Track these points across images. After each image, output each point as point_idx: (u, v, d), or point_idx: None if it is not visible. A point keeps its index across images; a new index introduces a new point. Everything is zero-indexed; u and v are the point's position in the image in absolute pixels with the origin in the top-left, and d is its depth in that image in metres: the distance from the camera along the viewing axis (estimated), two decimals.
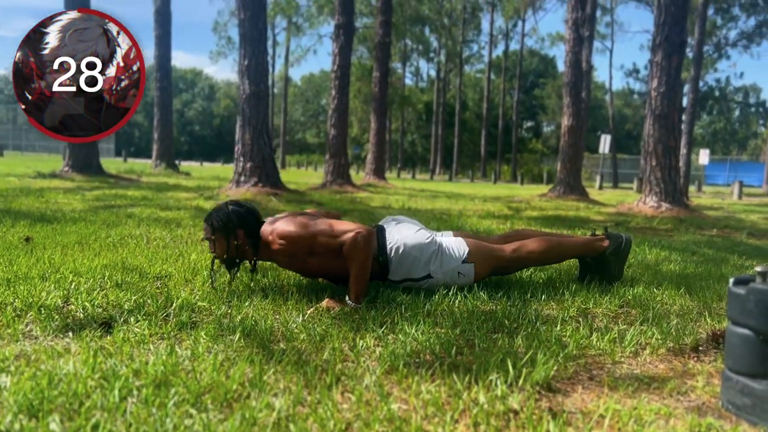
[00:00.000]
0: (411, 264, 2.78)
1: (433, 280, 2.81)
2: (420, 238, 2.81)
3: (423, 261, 2.79)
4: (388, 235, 2.82)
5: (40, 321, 2.12)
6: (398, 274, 2.80)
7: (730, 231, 7.43)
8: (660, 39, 9.42)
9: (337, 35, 14.19)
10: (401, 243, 2.78)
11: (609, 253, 3.08)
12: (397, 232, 2.83)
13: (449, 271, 2.81)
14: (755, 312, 1.47)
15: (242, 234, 2.66)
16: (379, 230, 2.85)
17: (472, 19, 43.58)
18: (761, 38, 32.58)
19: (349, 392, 1.60)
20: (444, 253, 2.82)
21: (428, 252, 2.79)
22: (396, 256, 2.77)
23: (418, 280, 2.81)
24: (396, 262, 2.77)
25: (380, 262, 2.76)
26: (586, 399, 1.63)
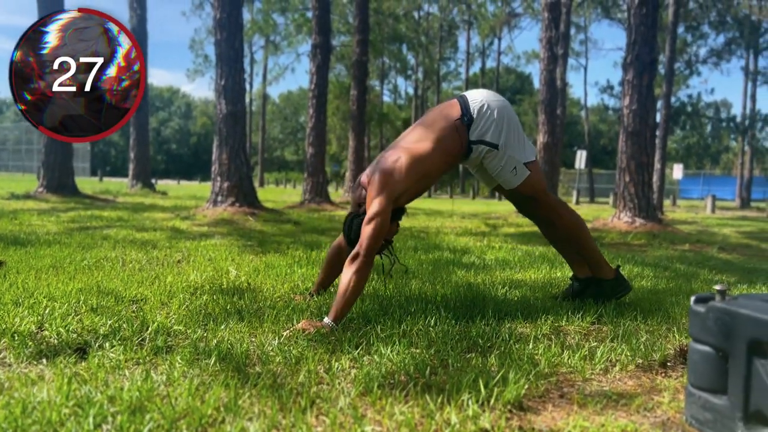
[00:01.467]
0: (490, 125, 2.84)
1: (495, 154, 2.87)
2: (504, 106, 2.90)
3: (499, 129, 2.85)
4: (470, 100, 2.89)
5: (14, 348, 2.11)
6: (476, 132, 2.85)
7: (702, 245, 7.58)
8: (631, 58, 9.64)
9: (314, 54, 14.28)
10: (486, 102, 2.87)
11: (612, 281, 3.16)
12: (482, 95, 2.92)
13: (511, 158, 2.89)
14: (714, 329, 1.52)
15: None
16: (460, 97, 2.94)
17: (449, 37, 44.07)
18: (730, 55, 33.40)
19: (323, 415, 1.62)
20: (519, 141, 2.91)
21: (507, 124, 2.87)
22: (479, 113, 2.84)
23: (488, 145, 2.85)
24: (479, 118, 2.84)
25: (464, 122, 2.83)
26: (556, 417, 1.67)
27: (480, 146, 2.86)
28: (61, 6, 12.71)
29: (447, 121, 2.85)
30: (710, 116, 42.95)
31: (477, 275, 4.04)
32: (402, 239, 6.53)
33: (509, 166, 2.91)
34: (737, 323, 1.47)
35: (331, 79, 33.54)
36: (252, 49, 38.83)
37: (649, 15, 9.55)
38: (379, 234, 2.61)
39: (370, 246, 2.58)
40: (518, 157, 2.90)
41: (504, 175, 2.94)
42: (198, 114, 71.32)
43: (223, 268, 3.95)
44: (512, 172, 2.92)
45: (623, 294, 3.19)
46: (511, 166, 2.91)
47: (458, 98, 2.95)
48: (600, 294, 3.15)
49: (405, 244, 5.88)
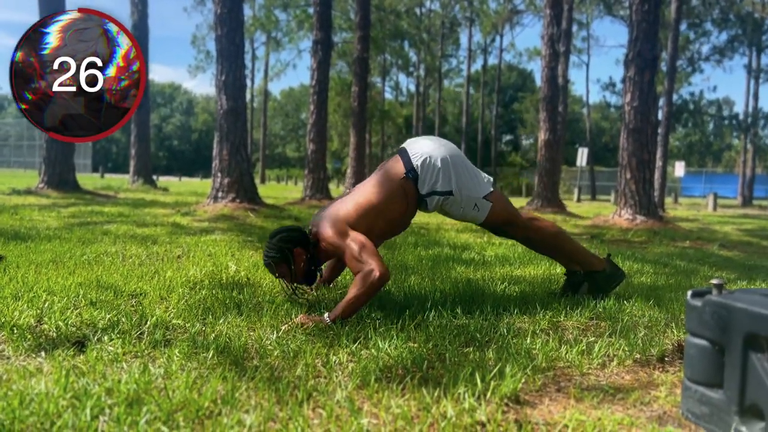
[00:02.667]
0: (437, 175, 2.85)
1: (452, 199, 2.89)
2: (447, 151, 2.91)
3: (448, 175, 2.86)
4: (411, 154, 2.90)
5: (13, 341, 2.12)
6: (426, 186, 2.86)
7: (703, 243, 7.58)
8: (633, 54, 9.62)
9: (316, 51, 14.27)
10: (428, 154, 2.87)
11: (605, 274, 3.17)
12: (421, 146, 2.92)
13: (469, 198, 2.91)
14: (711, 323, 1.52)
15: (300, 251, 2.79)
16: (401, 151, 2.94)
17: (451, 34, 44.01)
18: (733, 52, 33.29)
19: (320, 408, 1.63)
20: (470, 179, 2.92)
21: (454, 168, 2.88)
22: (423, 167, 2.85)
23: (442, 194, 2.87)
24: (423, 173, 2.85)
25: (410, 178, 2.84)
26: (553, 410, 1.67)
27: (434, 197, 2.89)
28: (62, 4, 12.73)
29: (393, 180, 2.86)
30: (712, 114, 42.91)
31: (476, 271, 4.04)
32: (402, 235, 6.52)
33: (469, 205, 2.94)
34: (733, 317, 1.47)
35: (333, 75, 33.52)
36: (254, 45, 38.85)
37: (651, 12, 9.53)
38: (375, 252, 2.64)
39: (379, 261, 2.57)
40: (475, 195, 2.93)
41: (468, 215, 2.98)
42: (199, 110, 71.31)
43: (223, 264, 3.96)
44: (474, 210, 2.96)
45: (618, 282, 3.20)
46: (472, 205, 2.94)
47: (399, 153, 2.96)
48: (596, 287, 3.15)
49: (405, 240, 5.88)
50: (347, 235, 2.68)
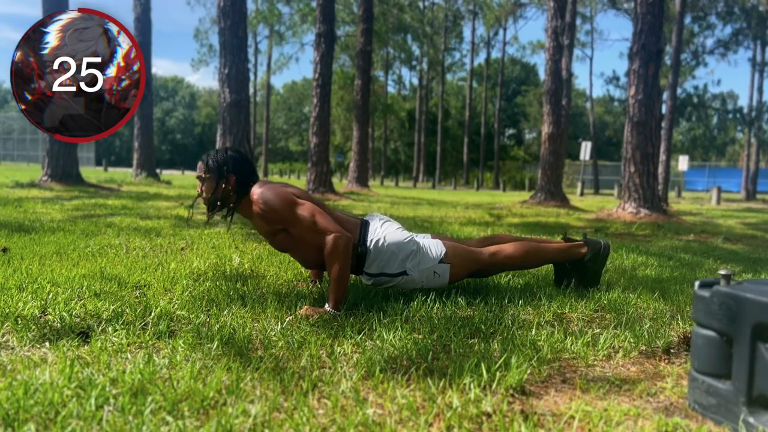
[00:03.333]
0: (388, 258, 2.82)
1: (408, 278, 2.85)
2: (400, 236, 2.85)
3: (400, 258, 2.82)
4: (371, 228, 2.87)
5: (17, 331, 2.12)
6: (374, 267, 2.83)
7: (707, 236, 7.55)
8: (637, 47, 9.57)
9: (318, 43, 14.23)
10: (382, 237, 2.82)
11: (588, 260, 3.13)
12: (380, 227, 2.88)
13: (425, 270, 2.85)
14: (719, 314, 1.51)
15: (233, 180, 2.74)
16: (363, 223, 2.90)
17: (454, 27, 43.90)
18: (737, 46, 33.11)
19: (325, 398, 1.62)
20: (421, 253, 2.86)
21: (407, 250, 2.83)
22: (375, 249, 2.81)
23: (392, 276, 2.84)
24: (374, 255, 2.81)
25: (359, 252, 2.79)
26: (559, 401, 1.67)
27: (382, 278, 2.85)
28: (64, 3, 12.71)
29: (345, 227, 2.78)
30: (716, 108, 42.70)
31: None
32: (407, 227, 6.51)
33: (429, 275, 2.87)
34: (742, 307, 1.46)
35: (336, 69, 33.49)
36: (256, 39, 38.74)
37: (656, 4, 9.48)
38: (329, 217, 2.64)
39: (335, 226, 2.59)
40: (431, 264, 2.86)
41: (432, 284, 2.90)
42: (202, 104, 71.26)
43: (227, 256, 3.95)
44: (435, 277, 2.88)
45: (605, 256, 3.14)
46: (431, 274, 2.87)
47: (362, 222, 2.91)
48: (586, 274, 3.14)
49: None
50: (296, 205, 2.65)
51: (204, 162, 2.78)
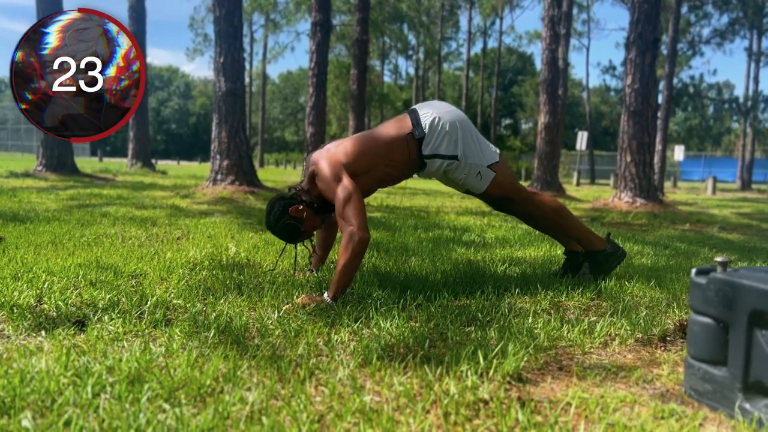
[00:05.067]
0: (442, 139, 2.82)
1: (456, 164, 2.86)
2: (455, 116, 2.88)
3: (454, 140, 2.84)
4: (421, 114, 2.87)
5: (13, 320, 2.11)
6: (429, 147, 2.83)
7: (703, 225, 7.57)
8: (634, 36, 9.55)
9: (314, 32, 14.15)
10: (437, 116, 2.84)
11: (606, 253, 3.14)
12: (432, 107, 2.90)
13: (473, 165, 2.87)
14: (715, 301, 1.51)
15: (297, 208, 2.80)
16: (411, 111, 2.92)
17: (450, 16, 43.72)
18: (734, 35, 33.10)
19: (322, 385, 1.62)
20: (476, 145, 2.89)
21: (460, 134, 2.85)
22: (430, 128, 2.82)
23: (445, 158, 2.84)
24: (429, 133, 2.82)
25: (415, 136, 2.81)
26: (555, 388, 1.67)
27: (436, 160, 2.86)
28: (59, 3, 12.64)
29: (398, 133, 2.83)
30: (712, 97, 42.75)
31: (477, 253, 4.03)
32: (402, 218, 6.53)
33: (473, 173, 2.90)
34: (738, 294, 1.46)
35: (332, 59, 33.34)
36: (252, 28, 38.54)
37: None
38: (360, 208, 2.61)
39: (360, 222, 2.56)
40: (480, 162, 2.89)
41: (470, 182, 2.93)
42: (197, 94, 70.97)
43: (223, 245, 3.95)
44: (477, 178, 2.91)
45: (619, 261, 3.17)
46: (475, 172, 2.90)
47: (409, 112, 2.93)
48: (596, 267, 3.14)
49: (405, 223, 5.87)
50: (340, 180, 2.65)
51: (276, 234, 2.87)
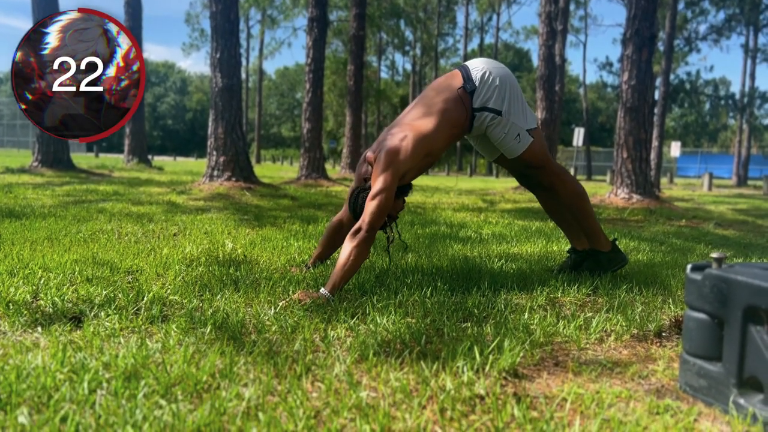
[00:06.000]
0: (492, 92, 2.83)
1: (500, 120, 2.85)
2: (505, 72, 2.90)
3: (502, 96, 2.84)
4: (472, 68, 2.89)
5: (8, 316, 2.11)
6: (479, 99, 2.84)
7: (699, 221, 7.59)
8: (630, 32, 9.55)
9: (311, 28, 14.13)
10: (488, 69, 2.86)
11: (608, 252, 3.16)
12: (483, 62, 2.91)
13: (514, 125, 2.88)
14: (710, 296, 1.52)
15: None
16: (461, 67, 2.93)
17: (447, 12, 43.63)
18: (730, 32, 33.12)
19: (319, 381, 1.62)
20: (521, 107, 2.90)
21: (509, 91, 2.86)
22: (481, 81, 2.83)
23: (492, 112, 2.84)
24: (481, 85, 2.83)
25: (467, 90, 2.82)
26: (551, 384, 1.68)
27: (484, 113, 2.84)
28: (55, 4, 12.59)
29: (450, 91, 2.84)
30: (709, 94, 42.82)
31: (473, 249, 4.04)
32: (399, 214, 6.52)
33: (512, 133, 2.88)
34: (733, 290, 1.46)
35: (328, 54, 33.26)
36: (248, 23, 38.42)
37: None
38: (383, 210, 2.61)
39: (373, 221, 2.57)
40: (521, 124, 2.89)
41: (507, 143, 2.91)
42: (193, 89, 70.78)
43: (220, 241, 3.94)
44: (516, 140, 2.90)
45: (620, 266, 3.19)
46: (515, 134, 2.89)
47: (459, 68, 2.93)
48: (596, 265, 3.15)
49: (402, 219, 5.87)
50: (385, 171, 2.65)
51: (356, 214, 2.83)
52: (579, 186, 3.13)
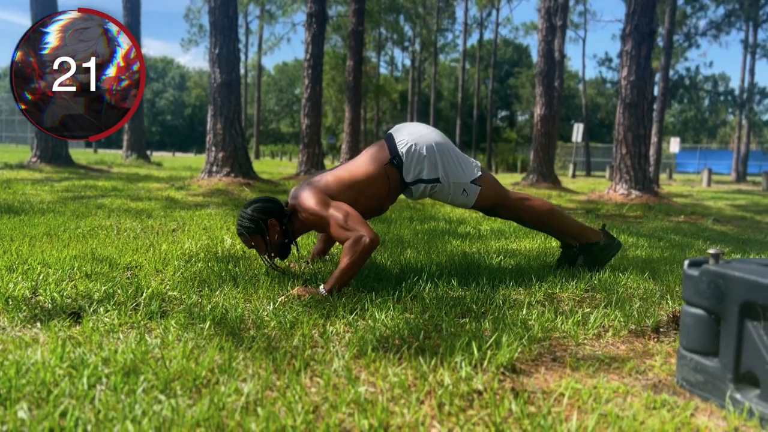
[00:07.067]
0: (423, 163, 2.82)
1: (440, 186, 2.86)
2: (433, 138, 2.86)
3: (433, 163, 2.83)
4: (397, 140, 2.86)
5: (8, 312, 2.11)
6: (411, 174, 2.83)
7: (697, 217, 7.60)
8: (630, 28, 9.54)
9: (310, 23, 14.10)
10: (413, 143, 2.83)
11: (601, 245, 3.15)
12: (408, 134, 2.87)
13: (457, 184, 2.88)
14: (708, 292, 1.52)
15: (275, 223, 2.75)
16: (387, 137, 2.91)
17: (447, 7, 43.54)
18: (730, 27, 33.05)
19: (317, 376, 1.63)
20: (457, 165, 2.88)
21: (440, 155, 2.84)
22: (408, 155, 2.81)
23: (428, 182, 2.84)
24: (407, 161, 2.82)
25: (395, 165, 2.81)
26: (549, 379, 1.68)
27: (421, 185, 2.86)
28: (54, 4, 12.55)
29: (378, 164, 2.82)
30: (708, 90, 42.75)
31: (472, 245, 4.04)
32: (398, 210, 6.53)
33: (458, 191, 2.90)
34: (730, 286, 1.47)
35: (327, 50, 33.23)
36: (247, 19, 38.31)
37: None
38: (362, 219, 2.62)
39: (368, 228, 2.56)
40: (463, 180, 2.89)
41: (457, 201, 2.94)
42: (192, 85, 70.67)
43: (218, 237, 3.95)
44: (463, 195, 2.92)
45: (614, 252, 3.19)
46: (460, 190, 2.90)
47: (386, 139, 2.91)
48: (592, 259, 3.15)
49: (401, 215, 5.88)
50: (329, 205, 2.65)
51: (242, 234, 2.78)
52: (545, 204, 3.10)
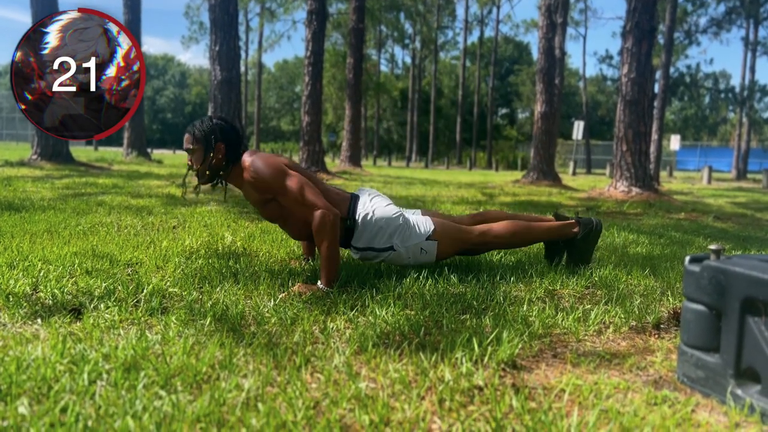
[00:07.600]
0: (375, 233, 2.81)
1: (395, 253, 2.85)
2: (388, 211, 2.85)
3: (388, 233, 2.82)
4: (360, 202, 2.87)
5: (8, 308, 2.11)
6: (362, 241, 2.83)
7: (698, 215, 7.60)
8: (630, 25, 9.53)
9: (310, 21, 14.09)
10: (370, 211, 2.82)
11: (579, 239, 3.11)
12: (369, 201, 2.88)
13: (412, 246, 2.85)
14: (708, 288, 1.52)
15: (222, 148, 2.70)
16: (353, 197, 2.90)
17: (447, 5, 43.53)
18: (730, 25, 33.00)
19: (318, 372, 1.63)
20: (409, 228, 2.86)
21: (394, 225, 2.83)
22: (363, 223, 2.80)
23: (379, 251, 2.84)
24: (361, 228, 2.81)
25: (347, 226, 2.80)
26: (549, 375, 1.68)
27: (368, 252, 2.84)
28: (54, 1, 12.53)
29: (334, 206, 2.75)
30: (709, 87, 42.67)
31: None
32: (399, 205, 6.52)
33: (416, 252, 2.86)
34: (731, 281, 1.47)
35: (328, 47, 33.21)
36: (247, 16, 38.30)
37: None
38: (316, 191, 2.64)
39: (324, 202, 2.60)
40: (419, 240, 2.85)
41: (419, 261, 2.89)
42: (193, 83, 70.60)
43: (219, 234, 3.95)
44: (423, 254, 2.87)
45: (597, 235, 3.12)
46: (418, 251, 2.86)
47: (352, 197, 2.90)
48: (578, 253, 3.12)
49: None
50: (286, 175, 2.64)
51: (191, 133, 2.71)
52: (507, 228, 2.98)
